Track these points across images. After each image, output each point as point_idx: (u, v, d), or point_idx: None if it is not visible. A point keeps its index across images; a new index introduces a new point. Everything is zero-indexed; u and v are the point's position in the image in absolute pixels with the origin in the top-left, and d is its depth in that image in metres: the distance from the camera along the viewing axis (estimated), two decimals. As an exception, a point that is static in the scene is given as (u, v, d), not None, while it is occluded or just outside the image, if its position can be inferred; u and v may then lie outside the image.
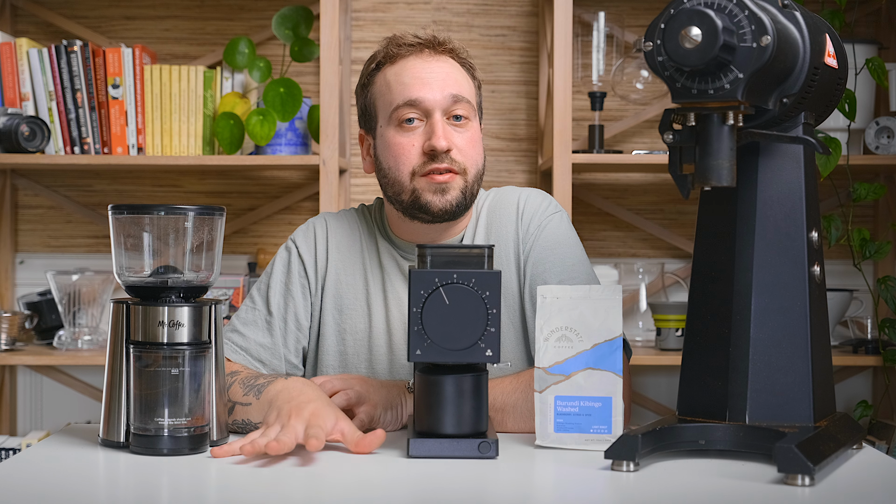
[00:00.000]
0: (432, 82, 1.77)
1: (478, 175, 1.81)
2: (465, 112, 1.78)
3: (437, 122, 1.76)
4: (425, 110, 1.77)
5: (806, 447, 1.28)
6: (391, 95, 1.79)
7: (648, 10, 3.04)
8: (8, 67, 2.74)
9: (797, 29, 1.40)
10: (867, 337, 2.85)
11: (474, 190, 1.81)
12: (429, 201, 1.76)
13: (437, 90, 1.77)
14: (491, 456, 1.42)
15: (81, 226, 3.07)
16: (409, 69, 1.79)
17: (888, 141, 2.75)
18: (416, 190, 1.77)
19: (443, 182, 1.76)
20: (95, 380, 3.06)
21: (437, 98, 1.76)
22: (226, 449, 1.46)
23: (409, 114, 1.77)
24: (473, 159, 1.80)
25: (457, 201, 1.77)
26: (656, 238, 3.07)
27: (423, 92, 1.76)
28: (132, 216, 1.49)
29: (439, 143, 1.74)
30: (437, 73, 1.79)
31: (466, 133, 1.79)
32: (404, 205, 1.79)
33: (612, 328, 1.48)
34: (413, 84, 1.77)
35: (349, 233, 1.89)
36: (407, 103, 1.76)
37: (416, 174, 1.77)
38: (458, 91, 1.78)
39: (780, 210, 1.45)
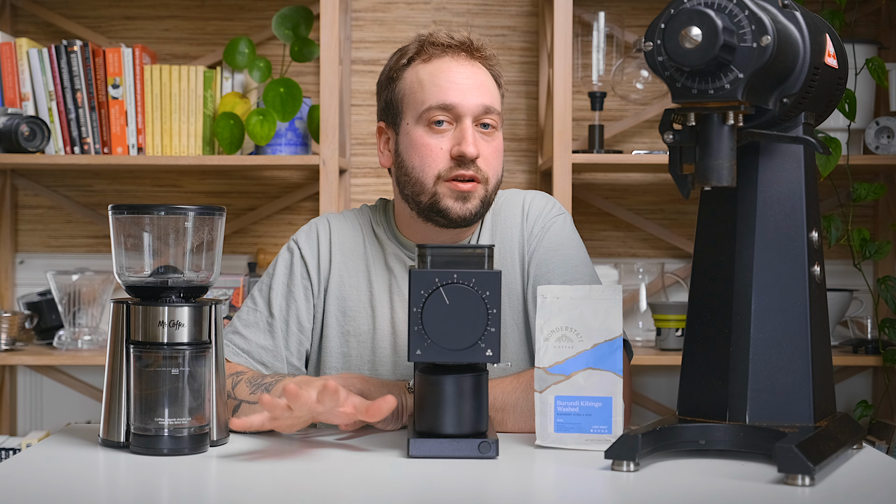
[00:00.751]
0: (467, 89, 1.76)
1: (497, 185, 1.81)
2: (493, 122, 1.78)
3: (467, 127, 1.75)
4: (457, 115, 1.76)
5: (806, 447, 1.28)
6: (423, 94, 1.77)
7: (648, 10, 3.04)
8: (8, 67, 2.74)
9: (797, 29, 1.40)
10: (867, 337, 2.85)
11: (492, 199, 1.81)
12: (449, 207, 1.76)
13: (471, 97, 1.76)
14: (491, 456, 1.42)
15: (81, 226, 3.07)
16: (444, 71, 1.78)
17: (888, 141, 2.75)
18: (437, 193, 1.76)
19: (466, 190, 1.76)
20: (95, 380, 3.06)
21: (471, 105, 1.76)
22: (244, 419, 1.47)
23: (440, 116, 1.76)
24: (496, 169, 1.80)
25: (476, 210, 1.78)
26: (656, 238, 3.07)
27: (458, 97, 1.75)
28: (132, 216, 1.49)
29: (469, 150, 1.74)
30: (472, 79, 1.78)
31: (493, 142, 1.79)
32: (422, 206, 1.78)
33: (612, 328, 1.48)
34: (449, 88, 1.76)
35: (352, 234, 1.88)
36: (440, 106, 1.76)
37: (441, 178, 1.76)
38: (490, 102, 1.78)
39: (780, 210, 1.45)
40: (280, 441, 1.58)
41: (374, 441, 1.54)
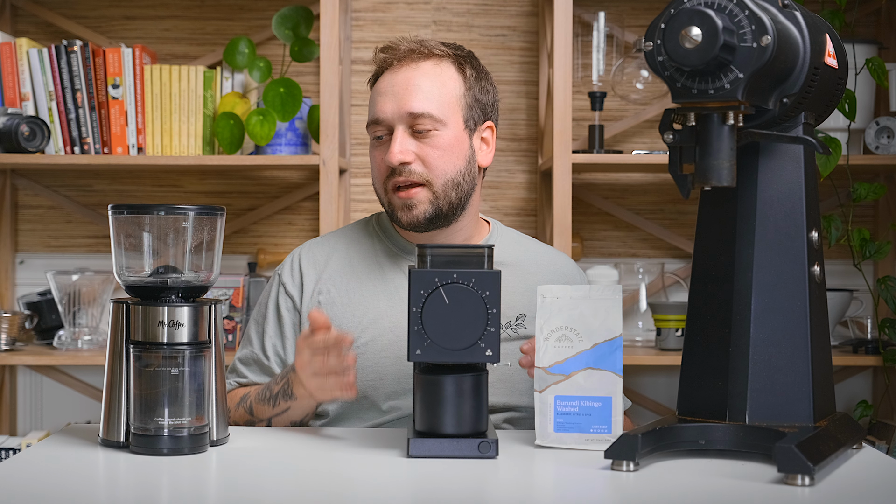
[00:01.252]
0: (392, 98, 1.80)
1: (450, 183, 1.80)
2: (427, 125, 1.79)
3: (396, 136, 1.79)
4: (389, 127, 1.80)
5: (806, 447, 1.28)
6: (368, 111, 1.86)
7: (648, 10, 3.04)
8: (8, 67, 2.74)
9: (797, 29, 1.40)
10: (867, 337, 2.85)
11: (451, 198, 1.81)
12: (399, 216, 1.81)
13: (394, 106, 1.79)
14: (491, 456, 1.42)
15: (81, 226, 3.07)
16: (380, 85, 1.84)
17: (888, 141, 2.75)
18: (390, 203, 1.82)
19: (406, 198, 1.79)
20: (95, 380, 3.06)
21: (396, 114, 1.79)
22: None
23: (376, 130, 1.82)
24: (440, 169, 1.79)
25: (425, 214, 1.79)
26: (656, 238, 3.07)
27: (381, 111, 1.81)
28: (132, 216, 1.49)
29: (391, 159, 1.78)
30: (399, 87, 1.80)
31: (432, 142, 1.79)
32: (389, 216, 1.86)
33: (612, 328, 1.48)
34: (377, 102, 1.82)
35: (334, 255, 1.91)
36: (372, 121, 1.83)
37: (388, 189, 1.82)
38: (419, 107, 1.78)
39: (780, 210, 1.45)
40: (280, 441, 1.58)
41: (374, 441, 1.54)
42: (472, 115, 1.84)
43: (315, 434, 1.65)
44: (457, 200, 1.81)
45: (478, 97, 1.85)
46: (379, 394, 1.80)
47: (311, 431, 1.68)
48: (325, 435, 1.62)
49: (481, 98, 1.85)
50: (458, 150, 1.81)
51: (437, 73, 1.81)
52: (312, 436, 1.63)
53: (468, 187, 1.83)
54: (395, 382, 1.80)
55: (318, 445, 1.53)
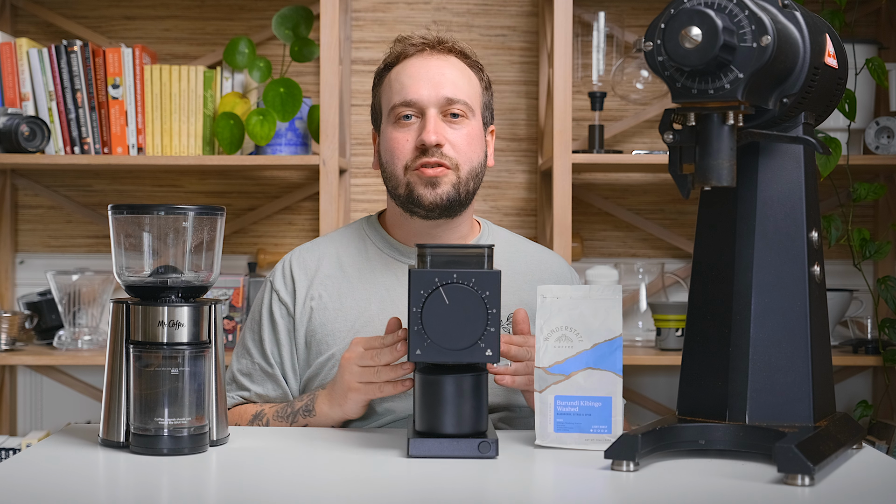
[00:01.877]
0: (429, 83, 1.82)
1: (472, 172, 1.84)
2: (460, 111, 1.83)
3: (430, 118, 1.81)
4: (420, 108, 1.82)
5: (806, 447, 1.28)
6: (391, 94, 1.85)
7: (648, 10, 3.04)
8: (8, 67, 2.74)
9: (797, 29, 1.40)
10: (867, 337, 2.85)
11: (469, 187, 1.84)
12: (420, 194, 1.81)
13: (431, 89, 1.82)
14: (491, 456, 1.42)
15: (81, 226, 3.07)
16: (409, 69, 1.85)
17: (888, 141, 2.75)
18: (409, 183, 1.82)
19: (432, 175, 1.80)
20: (95, 380, 3.06)
21: (431, 97, 1.82)
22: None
23: (405, 111, 1.83)
24: (467, 156, 1.83)
25: (448, 195, 1.81)
26: (656, 238, 3.07)
27: (418, 91, 1.82)
28: (132, 216, 1.49)
29: (428, 138, 1.79)
30: (434, 72, 1.84)
31: (462, 130, 1.83)
32: (401, 199, 1.84)
33: (612, 328, 1.48)
34: (410, 84, 1.83)
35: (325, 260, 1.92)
36: (403, 102, 1.83)
37: (409, 168, 1.82)
38: (453, 93, 1.83)
39: (780, 210, 1.45)
40: (280, 441, 1.58)
41: (374, 441, 1.54)
42: (486, 115, 1.91)
43: (315, 434, 1.65)
44: (472, 191, 1.86)
45: (488, 101, 1.92)
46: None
47: (311, 432, 1.68)
48: (325, 435, 1.62)
49: (490, 103, 1.93)
50: (479, 143, 1.86)
51: (463, 68, 1.88)
52: (312, 436, 1.63)
53: (480, 181, 1.88)
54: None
55: (318, 445, 1.53)
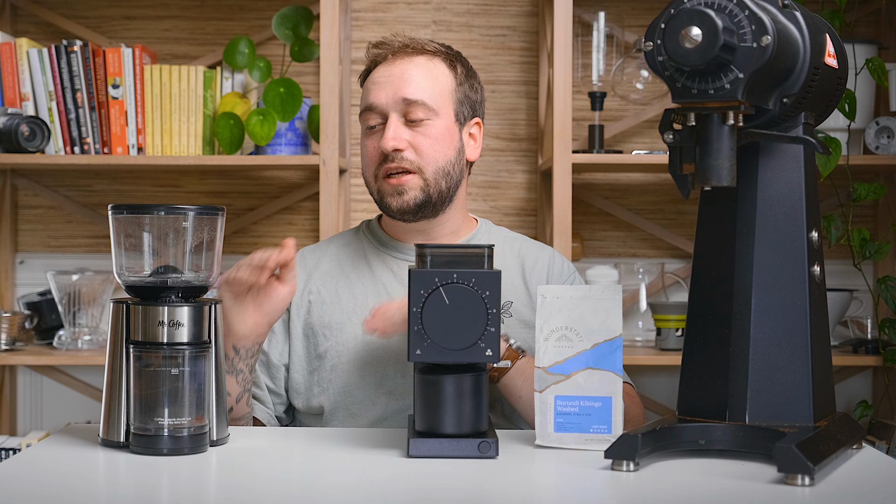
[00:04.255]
0: (387, 86, 1.84)
1: (440, 172, 1.84)
2: (421, 114, 1.83)
3: (390, 123, 1.82)
4: (382, 113, 1.84)
5: (806, 447, 1.28)
6: (361, 101, 1.89)
7: (648, 10, 3.04)
8: (8, 67, 2.74)
9: (797, 29, 1.40)
10: (867, 337, 2.85)
11: (441, 186, 1.84)
12: (389, 203, 1.84)
13: (389, 94, 1.83)
14: (491, 456, 1.42)
15: (81, 226, 3.07)
16: (374, 75, 1.88)
17: (888, 141, 2.75)
18: (380, 191, 1.85)
19: (397, 184, 1.82)
20: (95, 380, 3.06)
21: (390, 101, 1.83)
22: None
23: (370, 119, 1.85)
24: (431, 157, 1.83)
25: (415, 200, 1.82)
26: (656, 238, 3.07)
27: (375, 97, 1.84)
28: (132, 216, 1.49)
29: (384, 146, 1.81)
30: (395, 77, 1.84)
31: (425, 131, 1.83)
32: (378, 205, 1.88)
33: (612, 328, 1.48)
34: (371, 90, 1.86)
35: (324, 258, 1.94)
36: (366, 108, 1.86)
37: (378, 176, 1.84)
38: (413, 94, 1.83)
39: (780, 210, 1.45)
40: (280, 441, 1.59)
41: (374, 441, 1.54)
42: (463, 109, 1.89)
43: (315, 434, 1.65)
44: (446, 190, 1.85)
45: (468, 94, 1.90)
46: (370, 386, 1.82)
47: (311, 431, 1.68)
48: (325, 435, 1.62)
49: (471, 95, 1.91)
50: (448, 141, 1.85)
51: (430, 67, 1.86)
52: (312, 436, 1.63)
53: (457, 178, 1.87)
54: (385, 375, 1.82)
55: (318, 445, 1.53)
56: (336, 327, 1.85)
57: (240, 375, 1.72)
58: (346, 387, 1.82)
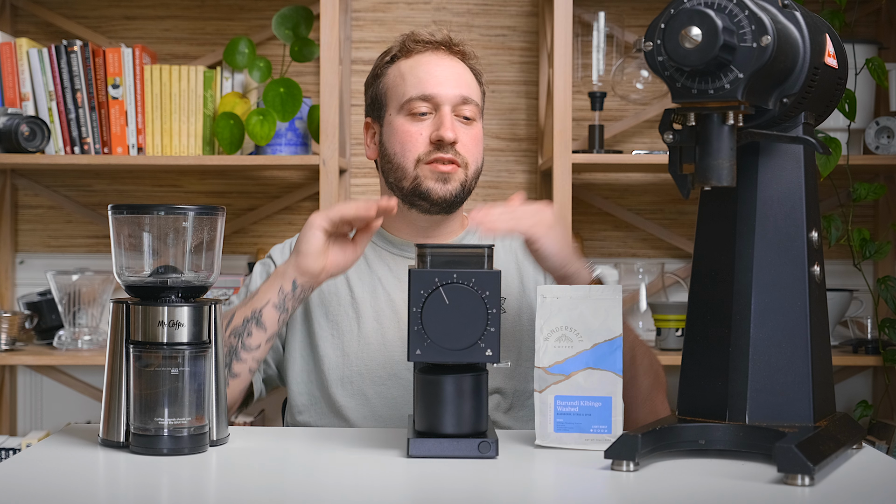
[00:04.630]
0: (446, 80, 1.85)
1: (476, 172, 1.89)
2: (471, 114, 1.87)
3: (446, 114, 1.84)
4: (436, 105, 1.84)
5: (806, 447, 1.28)
6: (405, 86, 1.86)
7: (648, 10, 3.04)
8: (8, 67, 2.74)
9: (797, 29, 1.40)
10: (867, 337, 2.85)
11: (471, 186, 1.88)
12: (430, 188, 1.83)
13: (449, 88, 1.85)
14: (491, 456, 1.42)
15: (81, 226, 3.07)
16: (424, 64, 1.87)
17: (888, 141, 2.75)
18: (418, 177, 1.84)
19: (446, 172, 1.83)
20: (95, 380, 3.06)
21: (450, 95, 1.84)
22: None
23: (421, 106, 1.85)
24: (475, 156, 1.87)
25: (456, 192, 1.85)
26: (656, 238, 3.07)
27: (437, 88, 1.84)
28: (132, 216, 1.49)
29: (447, 135, 1.82)
30: (451, 72, 1.87)
31: (471, 131, 1.87)
32: (405, 191, 1.85)
33: (612, 328, 1.48)
34: (428, 79, 1.85)
35: None
36: (421, 97, 1.84)
37: (421, 161, 1.84)
38: (469, 93, 1.87)
39: (780, 210, 1.45)
40: (280, 441, 1.59)
41: (374, 441, 1.54)
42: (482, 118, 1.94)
43: (315, 434, 1.65)
44: (472, 189, 1.89)
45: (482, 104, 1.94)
46: (365, 380, 1.84)
47: (311, 432, 1.68)
48: (326, 435, 1.62)
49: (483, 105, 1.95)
50: (481, 144, 1.90)
51: (470, 72, 1.91)
52: (312, 436, 1.63)
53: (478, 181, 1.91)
54: (380, 367, 1.84)
55: (318, 445, 1.53)
56: (332, 318, 1.86)
57: (283, 315, 1.73)
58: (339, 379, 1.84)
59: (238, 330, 1.72)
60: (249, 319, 1.72)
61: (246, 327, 1.72)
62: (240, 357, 1.72)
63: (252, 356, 1.73)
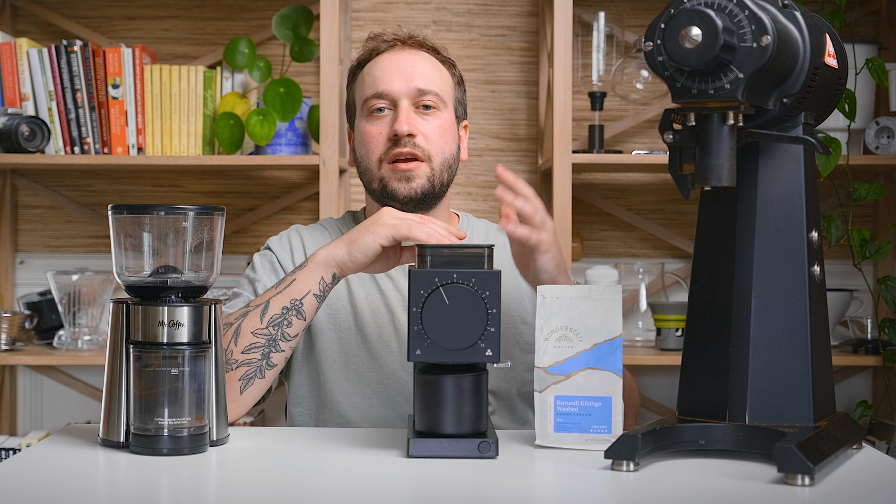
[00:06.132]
0: (399, 74, 1.85)
1: (445, 164, 1.86)
2: (433, 102, 1.86)
3: (402, 108, 1.84)
4: (392, 100, 1.85)
5: (806, 447, 1.28)
6: (364, 88, 1.88)
7: (648, 10, 3.04)
8: (8, 67, 2.74)
9: (797, 29, 1.40)
10: (867, 337, 2.85)
11: (443, 178, 1.87)
12: (395, 188, 1.83)
13: (403, 81, 1.85)
14: (491, 456, 1.42)
15: (81, 226, 3.07)
16: (381, 63, 1.88)
17: (888, 141, 2.75)
18: (383, 177, 1.85)
19: (406, 170, 1.83)
20: (95, 380, 3.06)
21: (403, 88, 1.84)
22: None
23: (377, 104, 1.85)
24: (440, 147, 1.86)
25: (422, 189, 1.84)
26: (656, 238, 3.07)
27: (390, 83, 1.84)
28: (132, 216, 1.49)
29: (400, 128, 1.82)
30: (406, 65, 1.87)
31: (434, 121, 1.86)
32: (375, 193, 1.88)
33: (612, 328, 1.48)
34: (382, 77, 1.86)
35: (322, 240, 1.94)
36: (375, 94, 1.85)
37: (383, 161, 1.84)
38: (425, 84, 1.85)
39: (780, 210, 1.45)
40: (280, 441, 1.59)
41: (374, 441, 1.54)
42: (458, 109, 1.94)
43: (315, 434, 1.65)
44: (446, 182, 1.88)
45: (460, 97, 1.95)
46: (361, 376, 1.85)
47: (311, 432, 1.68)
48: (325, 435, 1.62)
49: (462, 99, 1.96)
50: (452, 134, 1.89)
51: (435, 63, 1.91)
52: (312, 436, 1.63)
53: (454, 173, 1.90)
54: (375, 364, 1.85)
55: (318, 445, 1.53)
56: (330, 313, 1.87)
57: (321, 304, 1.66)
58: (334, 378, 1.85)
59: (277, 319, 1.65)
60: (290, 309, 1.65)
61: (285, 317, 1.65)
62: (279, 348, 1.66)
63: (290, 346, 1.67)
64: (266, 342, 1.65)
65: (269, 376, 1.67)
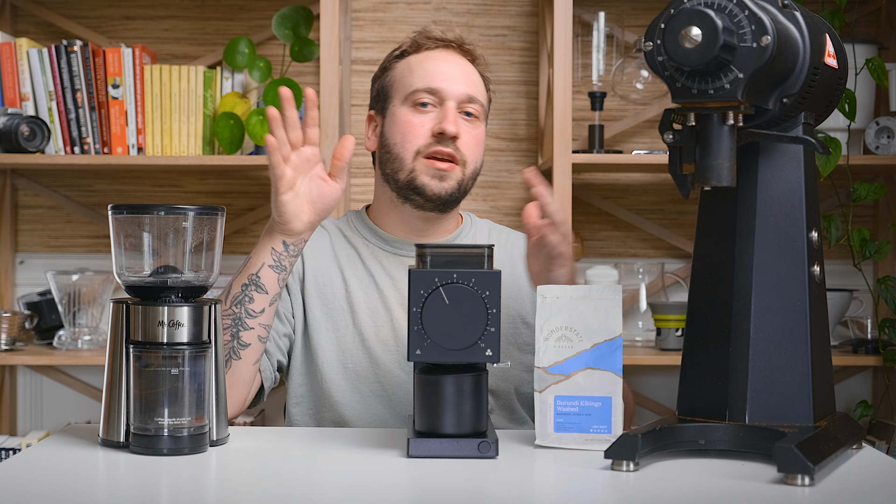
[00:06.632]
0: (454, 77, 1.86)
1: (474, 172, 1.88)
2: (476, 112, 1.87)
3: (450, 109, 1.84)
4: (441, 99, 1.85)
5: (806, 447, 1.28)
6: (412, 78, 1.87)
7: (648, 10, 3.04)
8: (8, 67, 2.74)
9: (797, 29, 1.40)
10: (867, 337, 2.85)
11: (468, 186, 1.88)
12: (425, 184, 1.83)
13: (455, 84, 1.86)
14: (491, 456, 1.42)
15: (81, 226, 3.07)
16: (433, 59, 1.89)
17: (888, 141, 2.75)
18: (414, 170, 1.84)
19: (443, 169, 1.83)
20: (95, 380, 3.06)
21: (455, 91, 1.85)
22: None
23: (425, 98, 1.85)
24: (475, 155, 1.87)
25: (452, 190, 1.85)
26: (656, 238, 3.07)
27: (444, 83, 1.85)
28: (132, 216, 1.49)
29: (449, 128, 1.82)
30: (459, 70, 1.88)
31: (474, 130, 1.87)
32: (400, 183, 1.86)
33: (612, 328, 1.48)
34: (436, 74, 1.86)
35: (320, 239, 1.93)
36: (427, 89, 1.85)
37: (420, 154, 1.84)
38: (474, 93, 1.87)
39: (780, 210, 1.45)
40: (280, 441, 1.59)
41: (374, 441, 1.54)
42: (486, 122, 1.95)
43: (315, 434, 1.65)
44: (469, 190, 1.89)
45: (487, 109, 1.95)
46: (359, 375, 1.85)
47: (311, 432, 1.68)
48: (325, 435, 1.62)
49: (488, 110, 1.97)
50: (482, 146, 1.91)
51: (477, 74, 1.93)
52: (312, 436, 1.63)
53: (474, 184, 1.91)
54: (373, 363, 1.85)
55: (317, 445, 1.53)
56: (325, 317, 1.87)
57: (282, 274, 1.70)
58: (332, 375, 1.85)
59: (238, 297, 1.70)
60: (248, 284, 1.70)
61: (245, 293, 1.70)
62: (246, 325, 1.69)
63: (258, 322, 1.70)
64: (233, 322, 1.70)
65: (247, 357, 1.70)
